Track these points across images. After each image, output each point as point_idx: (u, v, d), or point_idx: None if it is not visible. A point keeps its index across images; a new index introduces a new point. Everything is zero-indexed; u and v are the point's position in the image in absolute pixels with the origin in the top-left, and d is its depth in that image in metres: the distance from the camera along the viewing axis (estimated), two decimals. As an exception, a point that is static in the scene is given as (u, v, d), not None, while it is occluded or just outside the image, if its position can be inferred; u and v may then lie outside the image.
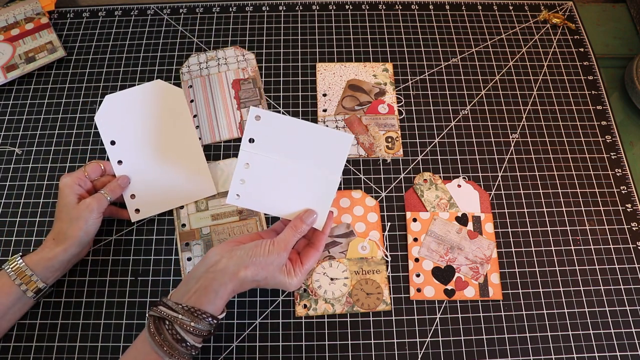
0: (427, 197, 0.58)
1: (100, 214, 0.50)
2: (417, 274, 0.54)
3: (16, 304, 0.48)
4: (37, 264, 0.48)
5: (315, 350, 0.51)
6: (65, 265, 0.50)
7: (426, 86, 0.65)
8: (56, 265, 0.49)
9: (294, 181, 0.49)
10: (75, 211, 0.49)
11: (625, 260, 0.56)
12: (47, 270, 0.48)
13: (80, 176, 0.51)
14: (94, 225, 0.50)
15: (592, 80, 0.67)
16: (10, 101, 0.64)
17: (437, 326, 0.52)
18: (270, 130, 0.48)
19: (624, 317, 0.53)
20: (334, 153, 0.48)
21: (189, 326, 0.41)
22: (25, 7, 0.70)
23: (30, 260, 0.48)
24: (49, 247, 0.48)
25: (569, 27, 0.71)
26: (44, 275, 0.48)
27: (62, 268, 0.50)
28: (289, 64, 0.67)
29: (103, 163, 0.54)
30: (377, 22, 0.70)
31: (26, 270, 0.47)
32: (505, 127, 0.63)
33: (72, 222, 0.48)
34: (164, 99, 0.57)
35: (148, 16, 0.70)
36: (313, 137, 0.48)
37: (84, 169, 0.52)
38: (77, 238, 0.48)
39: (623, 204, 0.59)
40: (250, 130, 0.48)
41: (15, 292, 0.47)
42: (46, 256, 0.48)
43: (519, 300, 0.53)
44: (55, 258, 0.48)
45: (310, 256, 0.48)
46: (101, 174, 0.54)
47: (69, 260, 0.50)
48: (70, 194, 0.50)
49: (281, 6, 0.71)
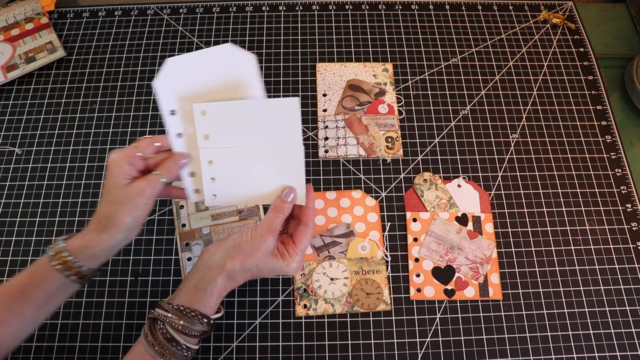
0: (427, 197, 0.58)
1: (154, 197, 0.44)
2: (417, 274, 0.54)
3: (60, 289, 0.44)
4: (80, 251, 0.43)
5: (315, 350, 0.51)
6: (110, 251, 0.45)
7: (426, 86, 0.65)
8: (100, 253, 0.44)
9: (261, 164, 0.46)
10: (123, 194, 0.42)
11: (625, 260, 0.56)
12: (90, 257, 0.44)
13: (130, 154, 0.44)
14: (145, 210, 0.44)
15: (592, 80, 0.67)
16: (10, 101, 0.64)
17: (437, 326, 0.52)
18: (219, 120, 0.45)
19: (624, 317, 0.53)
20: (287, 122, 0.45)
21: (179, 325, 0.41)
22: (25, 7, 0.70)
23: (73, 245, 0.43)
24: (93, 232, 0.43)
25: (569, 27, 0.71)
26: (88, 262, 0.44)
27: (107, 254, 0.45)
28: (289, 64, 0.67)
29: (157, 138, 0.46)
30: (377, 22, 0.70)
31: (68, 257, 0.43)
32: (505, 127, 0.63)
33: (119, 206, 0.42)
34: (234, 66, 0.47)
35: (148, 16, 0.70)
36: (262, 113, 0.45)
37: (136, 145, 0.45)
38: (124, 224, 0.43)
39: (623, 204, 0.59)
40: (200, 127, 0.45)
41: (58, 278, 0.43)
42: (90, 243, 0.43)
43: (519, 300, 0.53)
44: (99, 245, 0.43)
45: (302, 234, 0.46)
46: (155, 152, 0.46)
47: (115, 245, 0.45)
48: (119, 174, 0.43)
49: (281, 6, 0.71)
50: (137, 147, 0.45)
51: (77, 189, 0.58)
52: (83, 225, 0.56)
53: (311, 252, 0.55)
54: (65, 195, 0.58)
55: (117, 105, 0.64)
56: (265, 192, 0.47)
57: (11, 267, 0.54)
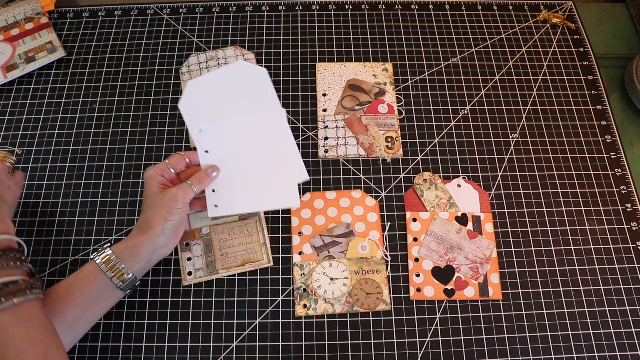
0: (427, 197, 0.58)
1: (186, 204, 0.49)
2: (417, 274, 0.54)
3: (102, 293, 0.46)
4: (122, 252, 0.47)
5: (315, 350, 0.51)
6: (151, 255, 0.48)
7: (426, 86, 0.65)
8: (142, 254, 0.47)
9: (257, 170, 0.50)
10: (158, 200, 0.48)
11: (625, 260, 0.56)
12: (132, 258, 0.47)
13: (163, 168, 0.50)
14: (179, 216, 0.48)
15: (592, 80, 0.67)
16: (10, 101, 0.64)
17: (437, 326, 0.52)
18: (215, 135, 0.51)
19: (624, 317, 0.53)
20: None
21: None
22: (25, 7, 0.70)
23: (116, 248, 0.47)
24: (135, 235, 0.48)
25: (569, 27, 0.71)
26: (129, 264, 0.47)
27: (148, 258, 0.48)
28: (289, 64, 0.67)
29: (187, 155, 0.52)
30: (377, 22, 0.70)
31: (112, 257, 0.46)
32: (505, 127, 0.63)
33: (155, 212, 0.47)
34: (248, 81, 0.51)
35: (148, 16, 0.70)
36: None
37: (167, 162, 0.51)
38: (161, 227, 0.47)
39: (623, 204, 0.59)
40: (200, 144, 0.51)
41: (102, 279, 0.46)
42: (132, 244, 0.47)
43: (519, 300, 0.53)
44: (140, 246, 0.47)
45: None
46: (186, 167, 0.52)
47: (155, 250, 0.48)
48: (153, 185, 0.49)
49: (281, 6, 0.71)
50: (169, 164, 0.51)
51: (77, 189, 0.58)
52: (82, 225, 0.57)
53: (311, 252, 0.55)
54: (65, 195, 0.58)
55: (117, 105, 0.64)
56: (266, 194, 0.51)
57: (11, 267, 0.54)
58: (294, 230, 0.56)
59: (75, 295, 0.45)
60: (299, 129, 0.62)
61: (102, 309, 0.48)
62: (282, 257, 0.55)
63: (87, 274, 0.46)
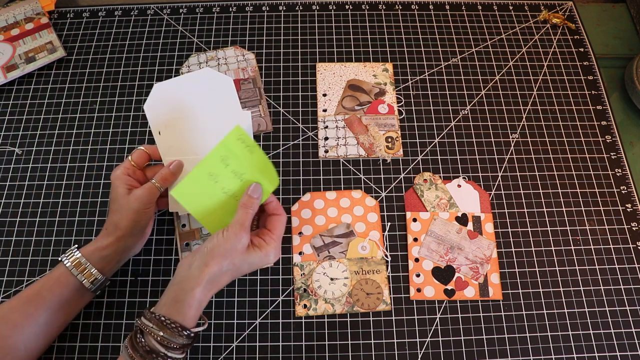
0: (427, 197, 0.58)
1: (152, 204, 0.48)
2: (417, 274, 0.54)
3: (74, 296, 0.47)
4: (91, 254, 0.47)
5: (315, 350, 0.51)
6: (120, 256, 0.49)
7: (426, 86, 0.65)
8: (110, 255, 0.48)
9: None
10: (125, 202, 0.47)
11: (625, 260, 0.56)
12: (102, 260, 0.47)
13: (127, 166, 0.49)
14: (146, 216, 0.48)
15: (592, 80, 0.67)
16: (10, 101, 0.64)
17: (437, 326, 0.52)
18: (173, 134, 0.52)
19: (624, 317, 0.53)
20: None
21: (158, 336, 0.40)
22: (25, 7, 0.70)
23: (85, 250, 0.47)
24: (103, 237, 0.48)
25: (569, 27, 0.71)
26: (99, 266, 0.47)
27: (117, 259, 0.49)
28: (289, 64, 0.67)
29: (148, 148, 0.51)
30: (377, 22, 0.70)
31: (81, 260, 0.46)
32: (505, 127, 0.63)
33: (122, 213, 0.47)
34: (213, 88, 0.54)
35: (148, 16, 0.70)
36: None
37: (130, 158, 0.50)
38: (128, 229, 0.47)
39: (623, 204, 0.59)
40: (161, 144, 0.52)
41: (73, 282, 0.46)
42: (100, 246, 0.47)
43: (519, 300, 0.53)
44: (108, 248, 0.47)
45: (276, 222, 0.47)
46: (149, 160, 0.52)
47: (123, 251, 0.49)
48: (119, 185, 0.48)
49: (281, 6, 0.71)
50: (133, 160, 0.50)
51: (77, 189, 0.58)
52: (82, 225, 0.57)
53: (311, 252, 0.55)
54: (65, 195, 0.58)
55: (117, 105, 0.64)
56: None
57: (11, 267, 0.54)
58: (294, 230, 0.56)
59: (46, 298, 0.45)
60: (299, 129, 0.62)
61: (74, 310, 0.48)
62: (282, 257, 0.55)
63: (57, 277, 0.46)
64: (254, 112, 0.63)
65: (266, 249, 0.45)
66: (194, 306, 0.42)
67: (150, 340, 0.40)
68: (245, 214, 0.45)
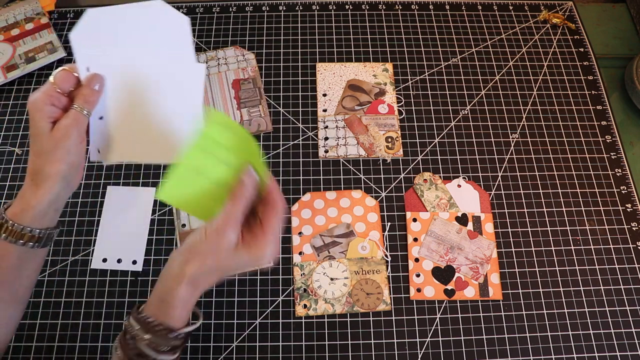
0: (427, 197, 0.58)
1: (83, 135, 0.40)
2: (417, 274, 0.54)
3: (24, 260, 0.41)
4: (23, 216, 0.39)
5: (315, 350, 0.51)
6: (57, 203, 0.41)
7: (426, 86, 0.65)
8: (45, 209, 0.40)
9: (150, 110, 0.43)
10: (50, 141, 0.38)
11: (625, 260, 0.56)
12: (36, 217, 0.40)
13: (50, 92, 0.39)
14: (77, 151, 0.39)
15: (592, 80, 0.67)
16: (10, 101, 0.64)
17: (437, 326, 0.52)
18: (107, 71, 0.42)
19: (624, 317, 0.53)
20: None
21: (144, 339, 0.36)
22: (25, 7, 0.70)
23: (12, 213, 0.39)
24: (30, 192, 0.39)
25: (569, 27, 0.71)
26: (36, 223, 0.40)
27: (54, 207, 0.41)
28: (289, 64, 0.67)
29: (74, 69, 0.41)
30: (377, 22, 0.70)
31: (13, 226, 0.39)
32: (505, 127, 0.63)
33: (47, 156, 0.38)
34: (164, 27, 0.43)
35: (148, 16, 0.70)
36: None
37: (52, 81, 0.39)
38: (59, 174, 0.39)
39: (623, 204, 0.59)
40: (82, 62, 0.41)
41: (15, 249, 0.40)
42: (29, 205, 0.39)
43: (519, 300, 0.53)
44: (40, 203, 0.39)
45: (269, 216, 0.38)
46: (76, 83, 0.41)
47: (58, 198, 0.41)
48: (41, 118, 0.38)
49: (281, 6, 0.71)
50: (55, 83, 0.40)
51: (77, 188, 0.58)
52: (83, 225, 0.56)
53: (311, 252, 0.55)
54: (65, 195, 0.58)
55: (117, 105, 0.64)
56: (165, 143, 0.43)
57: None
58: (294, 230, 0.56)
59: None
60: (299, 129, 0.62)
61: (33, 269, 0.43)
62: (282, 257, 0.55)
63: None
64: (254, 112, 0.63)
65: (257, 251, 0.37)
66: (179, 306, 0.37)
67: (138, 343, 0.36)
68: (232, 206, 0.37)
